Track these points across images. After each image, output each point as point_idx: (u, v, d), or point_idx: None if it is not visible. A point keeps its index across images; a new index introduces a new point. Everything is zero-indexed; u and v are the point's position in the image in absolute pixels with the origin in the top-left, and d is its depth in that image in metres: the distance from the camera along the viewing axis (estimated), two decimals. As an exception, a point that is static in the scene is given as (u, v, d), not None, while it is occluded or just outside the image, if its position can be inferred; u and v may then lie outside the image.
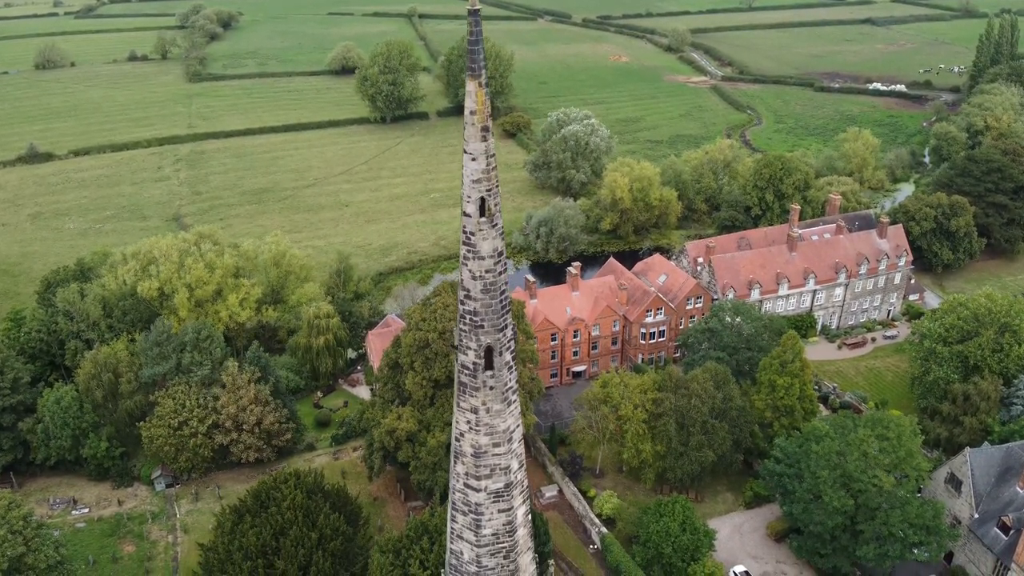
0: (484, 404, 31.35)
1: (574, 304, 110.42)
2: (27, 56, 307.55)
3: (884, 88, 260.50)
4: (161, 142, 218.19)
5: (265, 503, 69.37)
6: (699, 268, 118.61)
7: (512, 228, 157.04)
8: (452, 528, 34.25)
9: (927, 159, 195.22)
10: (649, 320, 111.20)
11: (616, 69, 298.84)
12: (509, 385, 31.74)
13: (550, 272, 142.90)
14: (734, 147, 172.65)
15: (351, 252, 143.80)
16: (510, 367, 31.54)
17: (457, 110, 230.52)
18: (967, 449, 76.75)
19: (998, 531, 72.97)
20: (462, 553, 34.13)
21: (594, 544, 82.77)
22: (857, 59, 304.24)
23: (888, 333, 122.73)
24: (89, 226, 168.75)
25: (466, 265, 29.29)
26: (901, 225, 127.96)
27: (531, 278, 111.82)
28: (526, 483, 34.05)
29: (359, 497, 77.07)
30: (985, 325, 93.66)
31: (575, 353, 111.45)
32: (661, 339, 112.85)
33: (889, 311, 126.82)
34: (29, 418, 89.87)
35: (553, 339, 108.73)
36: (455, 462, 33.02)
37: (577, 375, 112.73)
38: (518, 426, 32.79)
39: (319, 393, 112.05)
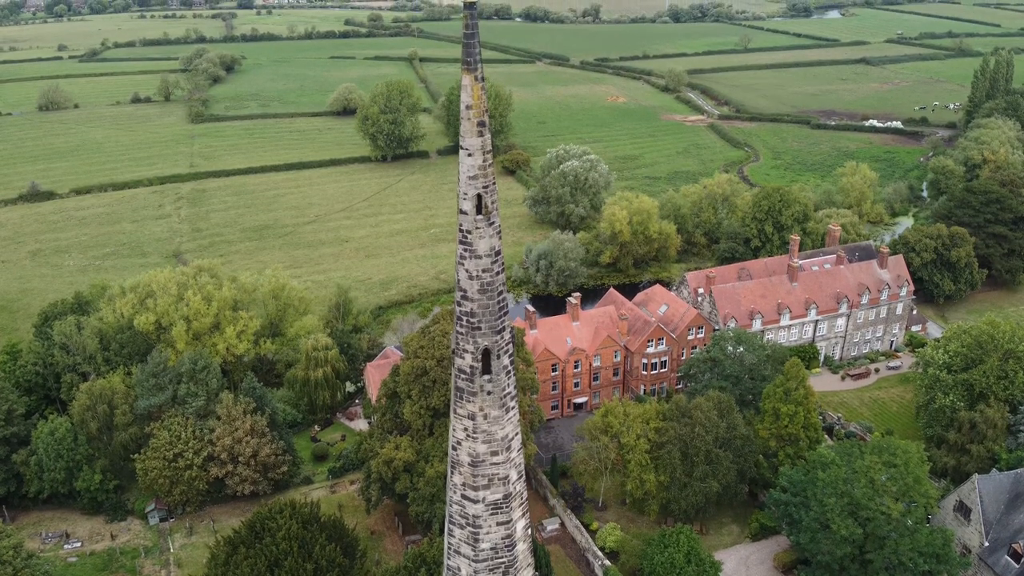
0: (482, 410, 30.56)
1: (575, 334, 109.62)
2: (31, 98, 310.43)
3: (880, 125, 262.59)
4: (162, 181, 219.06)
5: (260, 534, 67.78)
6: (700, 298, 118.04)
7: (512, 262, 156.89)
8: (449, 543, 33.18)
9: (925, 193, 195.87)
10: (651, 350, 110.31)
11: (613, 109, 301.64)
12: (507, 391, 30.97)
13: (550, 305, 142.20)
14: (732, 181, 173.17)
15: (351, 286, 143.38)
16: (508, 372, 30.81)
17: (457, 149, 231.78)
18: (975, 476, 75.38)
19: (1009, 559, 71.27)
20: (459, 569, 33.01)
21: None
22: (853, 97, 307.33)
23: (892, 364, 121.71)
24: (89, 263, 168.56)
25: (462, 265, 28.73)
26: (902, 256, 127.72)
27: (531, 308, 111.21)
28: (525, 495, 33.07)
29: (356, 529, 75.39)
30: (989, 352, 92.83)
31: (576, 384, 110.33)
32: (663, 370, 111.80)
33: (892, 342, 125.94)
34: (23, 450, 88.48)
35: (554, 370, 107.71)
36: (452, 472, 32.10)
37: (579, 407, 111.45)
38: (517, 434, 31.95)
39: (316, 427, 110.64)
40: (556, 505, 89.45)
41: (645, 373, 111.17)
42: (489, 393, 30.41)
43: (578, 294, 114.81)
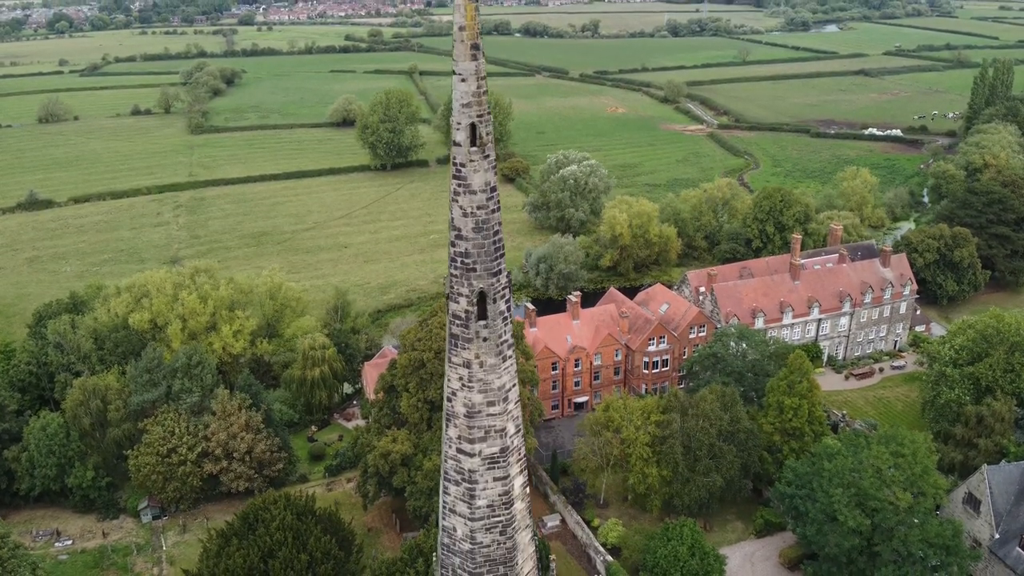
0: (477, 357, 29.35)
1: (575, 333, 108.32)
2: (31, 111, 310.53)
3: (880, 133, 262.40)
4: (161, 189, 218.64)
5: (253, 525, 66.22)
6: (701, 297, 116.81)
7: (512, 266, 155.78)
8: (444, 502, 31.83)
9: (926, 199, 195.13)
10: (652, 349, 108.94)
11: (613, 119, 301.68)
12: (504, 338, 29.80)
13: (550, 309, 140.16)
14: (732, 185, 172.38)
15: (349, 290, 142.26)
16: (505, 318, 29.65)
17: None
18: (984, 466, 73.82)
19: (1021, 551, 69.59)
20: (455, 529, 31.64)
21: (599, 574, 79.11)
22: (852, 108, 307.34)
23: (896, 363, 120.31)
24: (86, 269, 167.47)
25: (456, 201, 27.61)
26: (904, 254, 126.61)
27: (531, 306, 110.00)
28: (523, 451, 31.76)
29: (352, 523, 73.75)
30: (995, 345, 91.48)
31: (577, 383, 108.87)
32: (664, 369, 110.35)
33: (896, 342, 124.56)
34: (14, 446, 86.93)
35: (554, 368, 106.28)
36: (447, 426, 30.84)
37: (579, 406, 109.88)
38: (514, 386, 30.71)
39: (313, 427, 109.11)
40: (557, 501, 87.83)
41: (646, 372, 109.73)
42: (485, 340, 29.22)
43: (578, 292, 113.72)
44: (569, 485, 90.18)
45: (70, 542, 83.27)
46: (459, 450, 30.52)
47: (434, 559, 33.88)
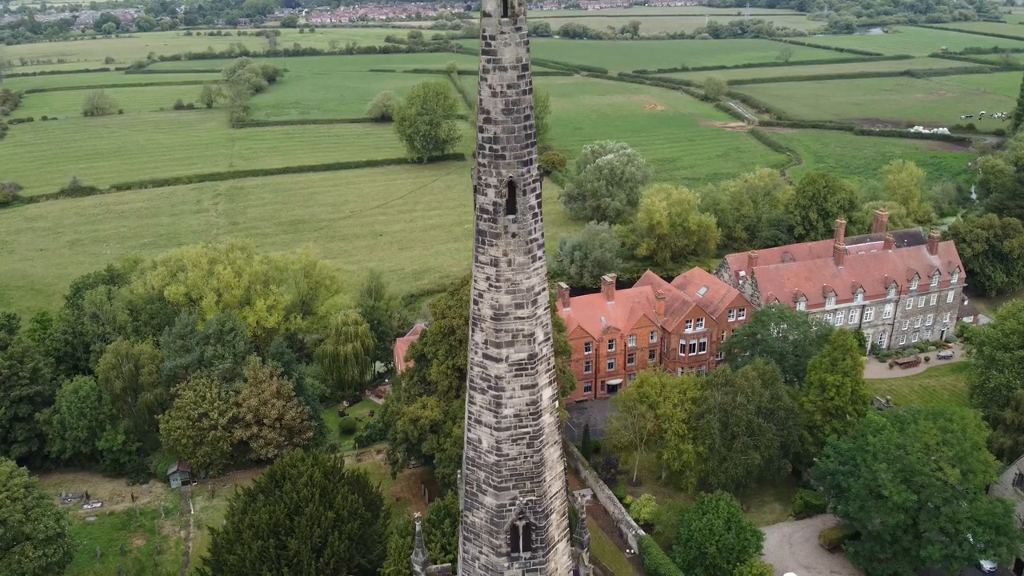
0: (506, 255, 27.87)
1: (609, 313, 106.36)
2: (77, 105, 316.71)
3: (926, 131, 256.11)
4: (201, 179, 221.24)
5: (280, 483, 65.43)
6: (741, 280, 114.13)
7: (546, 255, 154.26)
8: (470, 412, 30.38)
9: (974, 195, 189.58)
10: (688, 331, 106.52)
11: (651, 116, 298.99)
12: (534, 236, 28.34)
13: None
14: (774, 175, 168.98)
15: (383, 273, 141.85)
16: (535, 214, 28.19)
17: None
18: (1038, 445, 70.52)
19: (1078, 533, 66.20)
20: (480, 441, 30.17)
21: (631, 549, 77.08)
22: (896, 107, 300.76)
23: (943, 354, 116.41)
24: (126, 252, 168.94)
25: (485, 80, 26.20)
26: (952, 243, 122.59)
27: (564, 286, 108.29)
28: (552, 362, 30.20)
29: (379, 487, 72.64)
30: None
31: (610, 365, 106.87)
32: (701, 352, 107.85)
33: (942, 332, 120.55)
34: (46, 409, 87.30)
35: (587, 349, 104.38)
36: (473, 330, 29.41)
37: (612, 389, 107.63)
38: (543, 289, 29.20)
39: (344, 402, 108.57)
40: (588, 477, 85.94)
41: (683, 355, 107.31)
42: (514, 235, 27.75)
43: (613, 275, 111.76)
44: (601, 462, 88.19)
45: (99, 504, 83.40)
46: (485, 355, 29.07)
47: (459, 475, 32.44)
